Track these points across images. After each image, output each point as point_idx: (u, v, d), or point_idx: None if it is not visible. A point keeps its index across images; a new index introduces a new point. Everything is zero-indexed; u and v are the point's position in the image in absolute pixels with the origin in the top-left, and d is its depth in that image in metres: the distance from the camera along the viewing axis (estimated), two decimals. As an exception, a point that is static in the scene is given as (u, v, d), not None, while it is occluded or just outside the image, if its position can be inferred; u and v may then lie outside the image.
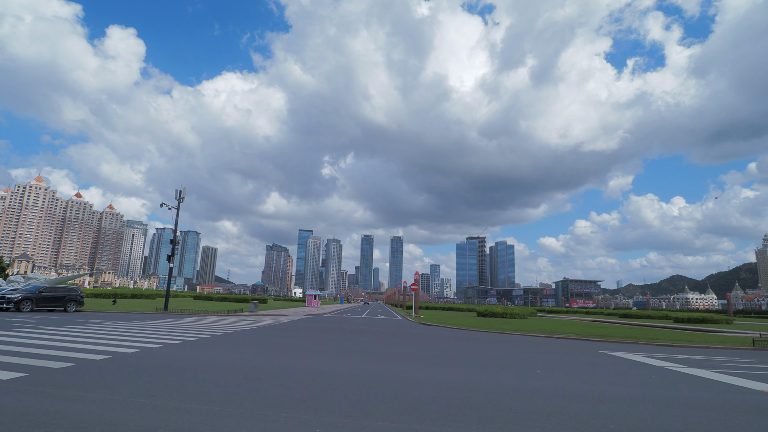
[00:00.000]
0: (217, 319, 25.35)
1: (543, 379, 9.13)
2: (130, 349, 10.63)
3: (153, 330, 16.44)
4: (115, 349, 10.62)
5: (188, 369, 8.52)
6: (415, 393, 7.15)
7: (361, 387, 7.49)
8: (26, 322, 18.13)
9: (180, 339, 13.61)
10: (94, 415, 5.16)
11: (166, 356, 10.04)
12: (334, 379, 8.12)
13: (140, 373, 7.84)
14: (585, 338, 22.16)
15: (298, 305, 70.04)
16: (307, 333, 18.81)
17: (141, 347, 11.16)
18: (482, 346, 16.22)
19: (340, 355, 11.76)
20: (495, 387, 7.98)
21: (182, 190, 33.67)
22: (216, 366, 9.03)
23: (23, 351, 9.62)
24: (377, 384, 7.82)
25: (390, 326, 26.25)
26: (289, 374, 8.44)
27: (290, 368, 9.17)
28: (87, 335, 13.49)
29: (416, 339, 18.18)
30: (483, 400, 6.83)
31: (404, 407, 6.18)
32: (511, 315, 39.31)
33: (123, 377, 7.44)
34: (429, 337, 19.57)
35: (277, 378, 8.00)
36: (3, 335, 12.54)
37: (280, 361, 10.26)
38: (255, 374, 8.27)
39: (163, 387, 6.82)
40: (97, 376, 7.46)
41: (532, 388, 8.08)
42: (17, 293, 25.41)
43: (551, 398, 7.18)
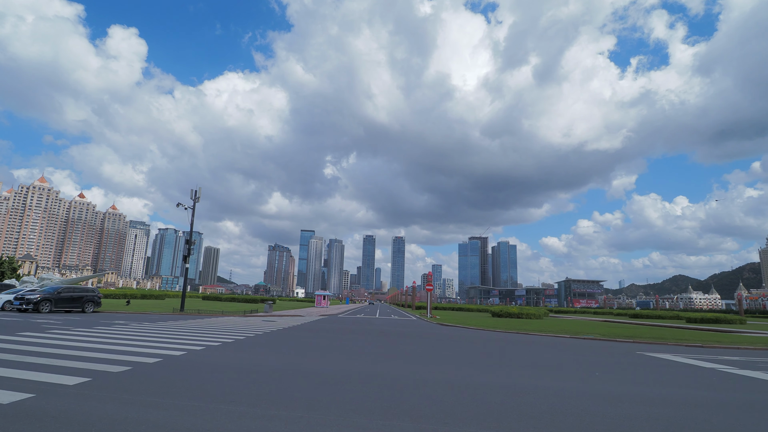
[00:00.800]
0: (238, 320, 25.10)
1: (609, 383, 8.84)
2: (176, 352, 10.37)
3: (184, 332, 16.20)
4: (161, 351, 10.37)
5: (248, 372, 8.26)
6: (498, 398, 6.88)
7: (436, 391, 7.22)
8: (53, 323, 17.90)
9: (218, 341, 13.36)
10: (187, 424, 4.91)
11: (215, 359, 9.79)
12: (400, 382, 7.86)
13: (200, 377, 7.59)
14: (612, 339, 21.84)
15: (305, 306, 69.79)
16: (336, 334, 18.55)
17: (185, 350, 10.91)
18: (518, 348, 15.93)
19: (387, 358, 11.49)
20: (570, 392, 7.70)
21: (197, 190, 33.45)
22: (275, 369, 8.77)
23: (70, 354, 9.37)
24: (446, 388, 7.56)
25: (411, 327, 25.98)
26: (354, 378, 8.17)
27: (351, 372, 8.90)
28: (122, 337, 13.24)
29: (448, 341, 17.89)
30: (572, 406, 6.56)
31: (506, 415, 5.91)
32: (527, 315, 38.99)
33: (187, 381, 7.19)
34: (459, 338, 19.29)
35: (346, 382, 7.73)
36: (39, 337, 12.30)
37: (335, 364, 9.99)
38: (321, 378, 8.00)
39: (236, 392, 6.56)
40: (161, 380, 7.21)
41: (608, 392, 7.79)
42: (36, 294, 25.19)
43: (638, 403, 6.90)
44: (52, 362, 8.24)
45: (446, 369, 9.88)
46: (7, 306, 25.66)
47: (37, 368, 7.60)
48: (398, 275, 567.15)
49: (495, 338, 19.87)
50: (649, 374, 10.50)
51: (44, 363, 8.12)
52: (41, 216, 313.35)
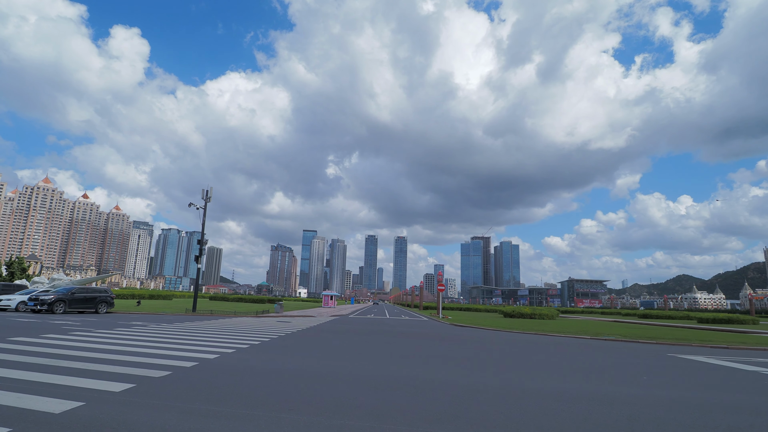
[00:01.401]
0: (253, 321, 24.81)
1: (664, 387, 8.48)
2: (209, 355, 10.07)
3: (207, 333, 15.91)
4: (194, 354, 10.07)
5: (292, 377, 7.94)
6: (560, 405, 6.54)
7: (494, 398, 6.89)
8: (72, 324, 17.64)
9: (244, 343, 13.06)
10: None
11: (251, 362, 9.48)
12: (453, 388, 7.53)
13: (246, 382, 7.27)
14: (634, 340, 21.44)
15: (312, 306, 69.50)
16: (358, 336, 18.22)
17: (217, 352, 10.60)
18: (549, 350, 15.57)
19: (422, 362, 11.15)
20: (633, 398, 7.35)
21: (209, 190, 33.20)
22: (318, 374, 8.44)
23: (104, 358, 9.08)
24: (503, 394, 7.22)
25: (428, 328, 25.64)
26: (404, 383, 7.82)
27: (395, 376, 8.56)
28: (148, 339, 12.96)
29: (474, 343, 17.55)
30: (645, 414, 6.21)
31: (582, 425, 5.58)
32: (539, 316, 38.60)
33: (234, 387, 6.87)
34: (483, 340, 18.93)
35: (398, 387, 7.39)
36: (65, 340, 12.03)
37: (374, 367, 9.66)
38: (369, 383, 7.68)
39: (291, 398, 6.24)
40: (206, 385, 6.90)
41: (672, 398, 7.44)
42: (50, 295, 24.97)
43: (712, 411, 6.55)
44: (90, 366, 7.94)
45: (490, 373, 9.54)
46: (21, 307, 25.45)
47: (77, 373, 7.31)
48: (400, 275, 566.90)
49: (518, 340, 19.51)
50: (696, 378, 10.14)
51: (82, 368, 7.83)
52: (45, 216, 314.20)
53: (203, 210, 32.92)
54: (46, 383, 6.47)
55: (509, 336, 21.50)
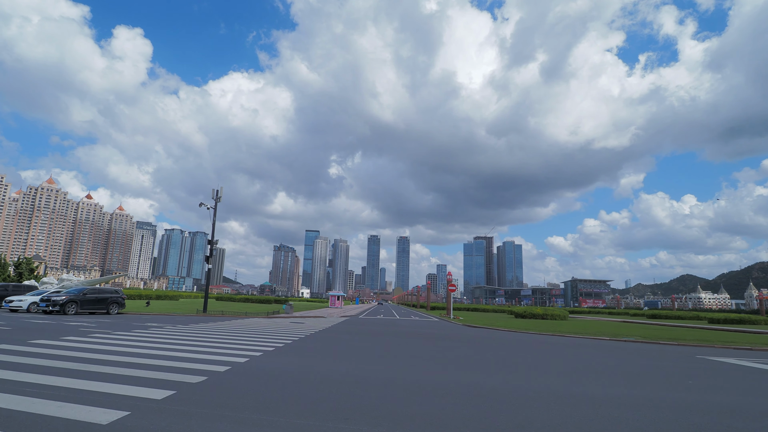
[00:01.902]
0: (267, 322, 24.51)
1: (720, 393, 8.11)
2: (239, 358, 9.76)
3: (228, 335, 15.61)
4: (223, 358, 9.76)
5: (332, 382, 7.61)
6: (622, 413, 6.19)
7: (552, 404, 6.55)
8: (88, 326, 17.38)
9: (269, 345, 12.75)
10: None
11: (283, 365, 9.16)
12: (500, 393, 7.20)
13: (287, 388, 6.95)
14: (655, 342, 21.04)
15: (318, 306, 69.23)
16: (377, 337, 17.91)
17: (245, 355, 10.30)
18: (576, 352, 15.22)
19: (455, 365, 10.82)
20: (692, 404, 7.00)
21: (219, 190, 32.95)
22: (358, 378, 8.11)
23: (136, 362, 8.77)
24: (556, 400, 6.89)
25: (444, 329, 25.30)
26: (449, 388, 7.48)
27: (437, 381, 8.23)
28: (170, 342, 12.66)
29: (496, 344, 17.20)
30: (716, 425, 5.86)
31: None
32: (551, 316, 38.20)
33: (277, 393, 6.56)
34: (504, 341, 18.58)
35: (445, 394, 7.05)
36: (87, 342, 11.74)
37: (409, 371, 9.32)
38: (411, 389, 7.35)
39: (341, 406, 5.91)
40: (247, 391, 6.58)
41: (732, 404, 7.09)
42: (61, 295, 24.73)
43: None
44: (123, 371, 7.64)
45: (531, 378, 9.19)
46: (33, 308, 25.22)
47: (111, 379, 7.01)
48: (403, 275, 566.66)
49: (539, 341, 19.14)
50: (741, 382, 9.78)
51: (115, 372, 7.52)
52: (49, 217, 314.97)
53: (213, 210, 32.66)
54: (83, 390, 6.17)
55: (528, 337, 21.13)
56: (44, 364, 8.09)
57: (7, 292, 28.77)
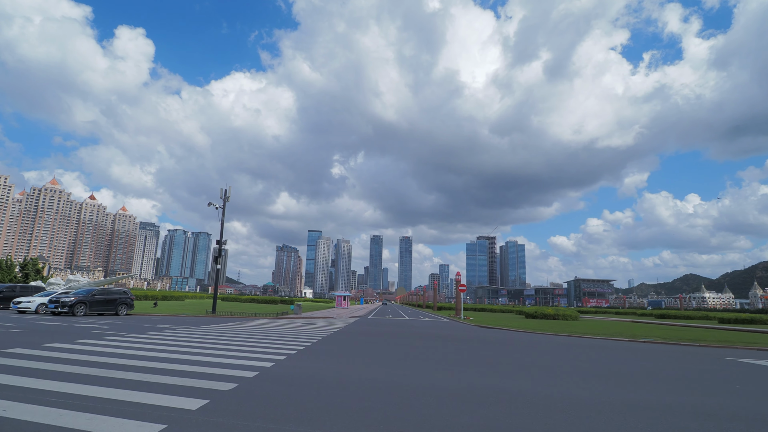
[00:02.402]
0: (278, 323, 24.11)
1: None
2: (264, 363, 9.34)
3: (243, 337, 15.20)
4: (248, 362, 9.35)
5: (369, 389, 7.18)
6: (690, 424, 5.75)
7: (615, 414, 6.11)
8: (99, 328, 17.00)
9: (289, 347, 12.34)
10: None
11: (310, 371, 8.73)
12: (543, 400, 6.76)
13: (322, 395, 6.53)
14: (675, 342, 20.53)
15: (324, 306, 68.88)
16: (396, 339, 17.49)
17: (269, 359, 9.89)
18: (598, 354, 14.75)
19: (481, 368, 10.37)
20: (755, 414, 6.55)
21: (227, 189, 32.60)
22: (392, 385, 7.67)
23: (156, 367, 8.37)
24: (608, 409, 6.44)
25: (458, 330, 24.86)
26: (497, 396, 7.05)
27: (478, 387, 7.78)
28: (186, 345, 12.26)
29: (514, 346, 16.75)
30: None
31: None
32: (563, 316, 37.72)
33: (315, 401, 6.13)
34: (523, 343, 18.11)
35: (496, 402, 6.62)
36: (101, 346, 11.35)
37: (445, 377, 8.88)
38: (454, 397, 6.91)
39: (388, 416, 5.47)
40: (284, 399, 6.16)
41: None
42: (70, 296, 24.39)
43: None
44: (148, 378, 7.22)
45: (574, 382, 8.72)
46: (41, 309, 24.89)
47: (138, 386, 6.59)
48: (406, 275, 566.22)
49: (561, 342, 18.66)
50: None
51: (141, 379, 7.11)
52: (53, 218, 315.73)
53: (222, 210, 32.30)
54: (112, 400, 5.75)
55: (547, 339, 20.65)
56: (64, 370, 7.69)
57: (14, 294, 28.46)
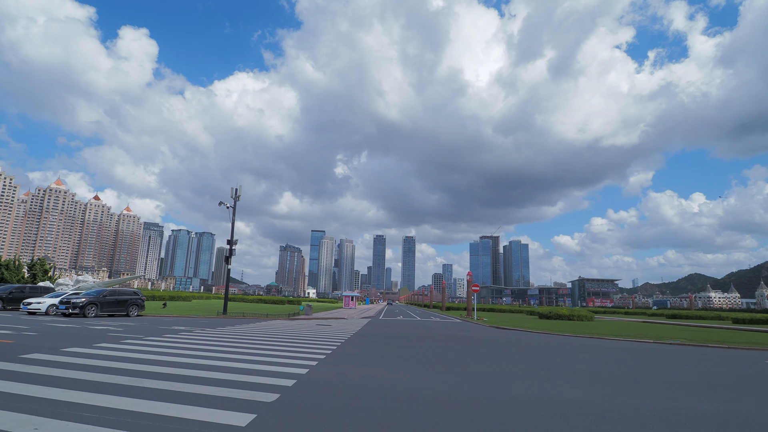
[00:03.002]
0: (292, 324, 23.58)
1: None
2: (296, 369, 8.79)
3: (263, 340, 14.67)
4: (279, 368, 8.79)
5: (424, 402, 6.60)
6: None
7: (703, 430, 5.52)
8: (114, 330, 16.50)
9: (316, 352, 11.78)
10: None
11: (349, 378, 8.17)
12: (611, 412, 6.17)
13: (375, 408, 5.96)
14: (702, 344, 19.80)
15: (330, 306, 68.42)
16: (420, 342, 16.92)
17: (301, 365, 9.33)
18: (634, 357, 14.14)
19: (526, 374, 9.79)
20: None
21: (238, 188, 32.07)
22: (444, 396, 7.09)
23: (187, 375, 7.82)
24: (694, 423, 5.85)
25: (475, 331, 24.26)
26: (555, 408, 6.47)
27: (531, 398, 7.21)
28: (208, 349, 11.72)
29: (543, 349, 16.14)
30: None
31: None
32: (578, 317, 37.02)
33: (371, 416, 5.56)
34: (546, 345, 17.49)
35: (555, 416, 6.04)
36: (121, 350, 10.83)
37: (495, 385, 8.30)
38: (517, 409, 6.34)
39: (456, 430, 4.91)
40: (336, 413, 5.59)
41: None
42: (81, 297, 23.92)
43: None
44: (183, 388, 6.66)
45: (633, 391, 8.13)
46: (52, 310, 24.44)
47: (175, 398, 6.04)
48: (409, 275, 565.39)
49: (589, 345, 18.02)
50: None
51: (176, 390, 6.55)
52: (58, 218, 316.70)
53: (233, 209, 31.80)
54: (151, 415, 5.20)
55: (571, 341, 20.01)
56: (91, 378, 7.15)
57: (24, 294, 28.04)
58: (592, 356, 14.01)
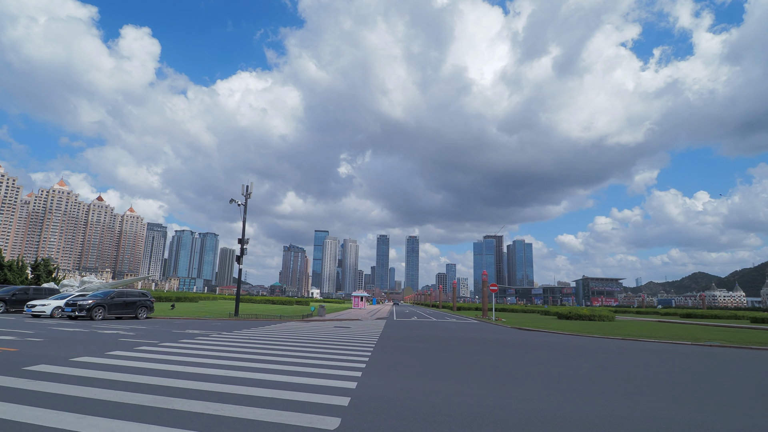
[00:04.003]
0: (308, 326, 22.43)
1: None
2: (343, 381, 7.61)
3: (286, 345, 13.49)
4: (323, 381, 7.61)
5: (518, 424, 5.44)
6: None
7: None
8: (125, 335, 15.37)
9: (351, 359, 10.60)
10: None
11: (412, 395, 6.98)
12: None
13: None
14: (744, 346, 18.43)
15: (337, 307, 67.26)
16: (457, 346, 15.72)
17: (345, 376, 8.15)
18: (693, 361, 12.91)
19: (601, 386, 8.59)
20: None
21: (249, 185, 31.03)
22: (540, 417, 5.92)
23: (224, 392, 6.66)
24: None
25: (502, 333, 23.05)
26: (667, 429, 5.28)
27: (629, 419, 6.03)
28: (232, 356, 10.56)
29: (582, 352, 14.90)
30: None
31: None
32: (599, 317, 35.75)
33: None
34: (584, 348, 16.25)
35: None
36: (138, 360, 9.68)
37: (579, 401, 7.12)
38: None
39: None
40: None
41: None
42: (88, 299, 22.83)
43: None
44: (225, 411, 5.48)
45: (734, 406, 6.94)
46: (57, 312, 23.39)
47: (221, 425, 4.89)
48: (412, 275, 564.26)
49: (632, 348, 16.78)
50: None
51: (218, 414, 5.40)
52: (61, 219, 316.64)
53: (244, 207, 30.69)
54: None
55: (606, 343, 18.76)
56: (108, 397, 5.98)
57: (27, 296, 26.97)
58: (646, 361, 12.78)
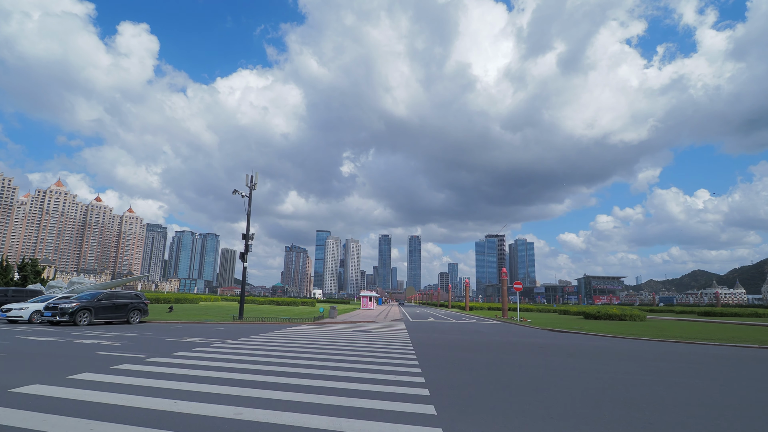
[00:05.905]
0: (324, 330, 19.70)
1: None
2: (422, 428, 4.92)
3: (313, 359, 10.76)
4: (387, 427, 4.92)
5: None
6: None
7: None
8: (107, 345, 12.65)
9: (406, 382, 7.86)
10: None
11: None
12: None
13: None
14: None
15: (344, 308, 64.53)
16: (502, 355, 12.99)
17: (417, 415, 5.44)
18: None
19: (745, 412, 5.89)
20: None
21: (254, 176, 28.38)
22: None
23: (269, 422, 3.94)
24: None
25: (539, 337, 20.32)
26: None
27: None
28: (242, 379, 7.84)
29: (661, 361, 12.19)
30: None
31: None
32: (630, 317, 33.06)
33: None
34: (651, 355, 13.54)
35: None
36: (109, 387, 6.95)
37: None
38: None
39: None
40: None
41: None
42: (71, 302, 20.11)
43: None
44: None
45: None
46: (36, 317, 20.67)
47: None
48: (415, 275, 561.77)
49: (696, 353, 14.05)
50: None
51: None
52: (59, 220, 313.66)
53: (248, 198, 28.03)
54: None
55: (665, 348, 15.99)
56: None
57: (6, 298, 24.24)
58: (736, 372, 10.04)
